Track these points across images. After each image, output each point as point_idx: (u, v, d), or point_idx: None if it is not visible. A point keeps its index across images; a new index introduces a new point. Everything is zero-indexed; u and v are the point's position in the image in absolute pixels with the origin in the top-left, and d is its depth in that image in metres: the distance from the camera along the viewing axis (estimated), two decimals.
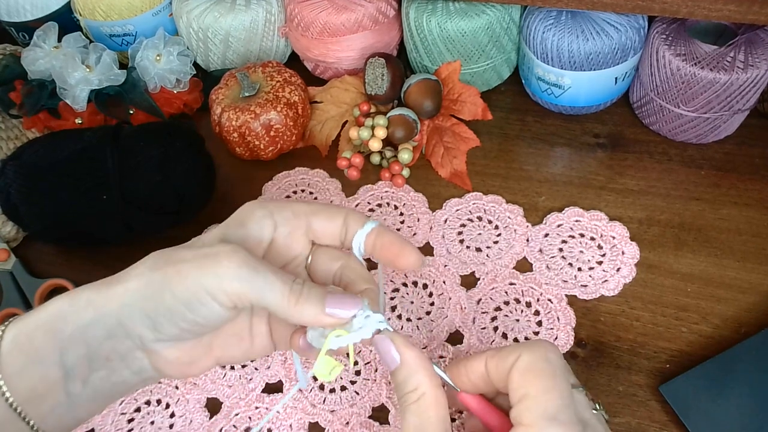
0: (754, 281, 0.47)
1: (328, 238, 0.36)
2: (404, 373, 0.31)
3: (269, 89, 0.58)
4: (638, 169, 0.55)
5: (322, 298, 0.31)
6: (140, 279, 0.31)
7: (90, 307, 0.31)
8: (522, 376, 0.29)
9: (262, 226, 0.34)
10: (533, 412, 0.27)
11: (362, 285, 0.35)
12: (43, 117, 0.61)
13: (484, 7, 0.56)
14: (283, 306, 0.30)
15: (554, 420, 0.27)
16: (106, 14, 0.66)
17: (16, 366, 0.30)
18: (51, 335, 0.31)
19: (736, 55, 0.49)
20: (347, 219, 0.35)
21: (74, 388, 0.32)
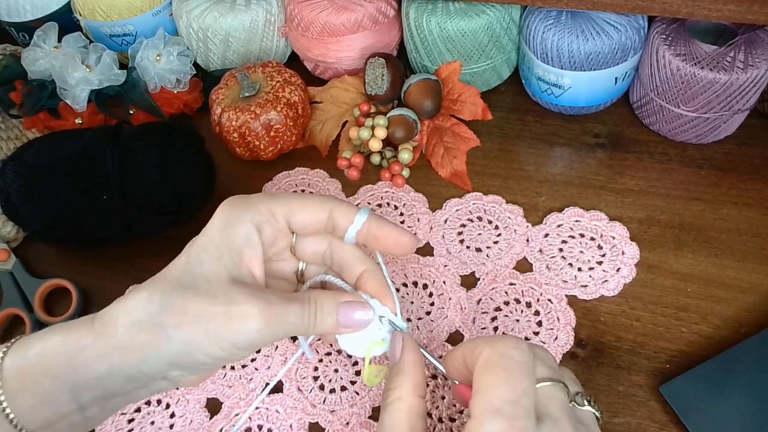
0: (754, 281, 0.47)
1: (312, 232, 0.36)
2: (395, 370, 0.32)
3: (269, 89, 0.58)
4: (638, 169, 0.55)
5: (334, 313, 0.33)
6: (157, 335, 0.30)
7: (103, 361, 0.31)
8: (478, 371, 0.29)
9: (252, 244, 0.33)
10: (480, 406, 0.27)
11: (359, 267, 0.36)
12: (43, 117, 0.61)
13: (484, 7, 0.56)
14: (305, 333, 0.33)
15: (497, 413, 0.27)
16: (106, 14, 0.66)
17: (27, 404, 0.30)
18: (61, 382, 0.30)
19: (736, 55, 0.49)
20: (333, 213, 0.35)
21: (90, 413, 0.32)
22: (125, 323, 0.31)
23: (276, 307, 0.31)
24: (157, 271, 0.52)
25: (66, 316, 0.51)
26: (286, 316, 0.32)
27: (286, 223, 0.35)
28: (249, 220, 0.33)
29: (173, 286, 0.31)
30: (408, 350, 0.32)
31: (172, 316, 0.30)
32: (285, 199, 0.35)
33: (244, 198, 0.35)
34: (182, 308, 0.31)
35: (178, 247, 0.54)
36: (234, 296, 0.31)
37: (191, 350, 0.31)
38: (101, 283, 0.54)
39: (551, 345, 0.46)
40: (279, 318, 0.31)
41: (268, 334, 0.31)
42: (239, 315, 0.31)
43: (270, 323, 0.31)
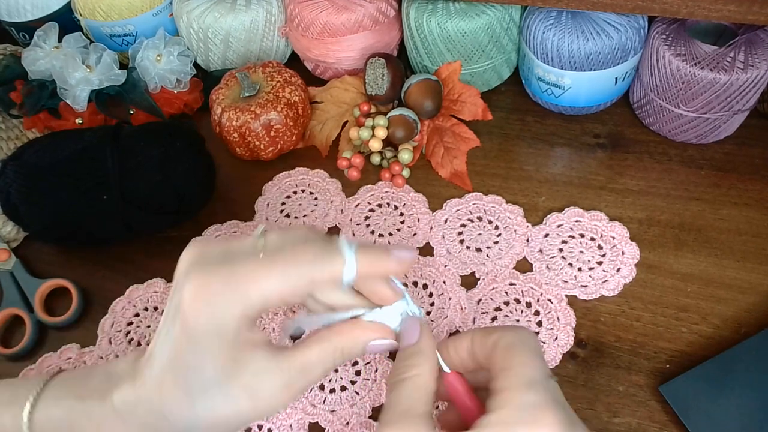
0: (754, 281, 0.47)
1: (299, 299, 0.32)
2: (414, 350, 0.31)
3: (269, 89, 0.58)
4: (638, 169, 0.55)
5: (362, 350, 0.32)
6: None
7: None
8: (505, 351, 0.30)
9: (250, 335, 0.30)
10: (514, 378, 0.28)
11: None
12: (43, 117, 0.61)
13: (484, 8, 0.56)
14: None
15: (533, 385, 0.28)
16: (107, 14, 0.66)
17: None
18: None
19: (736, 56, 0.49)
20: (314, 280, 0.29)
21: None
22: None
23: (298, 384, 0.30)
24: (157, 271, 0.53)
25: (66, 316, 0.51)
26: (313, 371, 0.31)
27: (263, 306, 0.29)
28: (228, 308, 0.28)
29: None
30: (426, 337, 0.32)
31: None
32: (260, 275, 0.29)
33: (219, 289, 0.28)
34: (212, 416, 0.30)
35: (178, 247, 0.54)
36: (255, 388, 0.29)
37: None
38: (101, 282, 0.54)
39: (551, 345, 0.46)
40: (302, 389, 0.31)
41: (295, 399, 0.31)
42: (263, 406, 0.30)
43: (295, 396, 0.31)
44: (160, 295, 0.52)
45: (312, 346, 0.31)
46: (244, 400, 0.29)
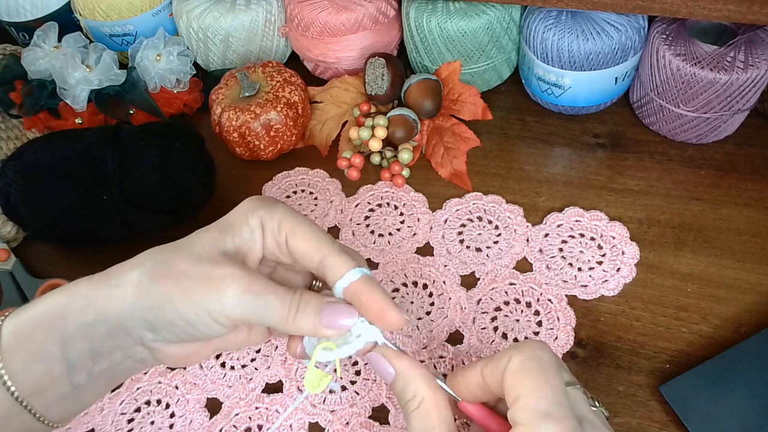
0: (754, 281, 0.47)
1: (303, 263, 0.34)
2: (401, 383, 0.31)
3: (269, 89, 0.58)
4: (638, 169, 0.55)
5: (318, 312, 0.32)
6: (140, 288, 0.31)
7: (90, 308, 0.31)
8: (514, 377, 0.29)
9: (255, 236, 0.34)
10: (527, 411, 0.28)
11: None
12: (43, 117, 0.61)
13: (484, 7, 0.56)
14: (281, 324, 0.32)
15: (548, 416, 0.27)
16: (106, 14, 0.66)
17: (20, 362, 0.31)
18: (52, 333, 0.31)
19: (736, 55, 0.49)
20: (325, 261, 0.33)
21: (78, 380, 0.32)
22: (117, 273, 0.32)
23: (257, 282, 0.31)
24: None
25: None
26: (266, 294, 0.31)
27: (285, 241, 0.34)
28: (259, 216, 0.34)
29: (172, 248, 0.33)
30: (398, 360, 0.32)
31: (158, 271, 0.31)
32: (296, 218, 0.34)
33: (269, 198, 0.35)
34: (169, 265, 0.31)
35: None
36: (219, 261, 0.31)
37: (164, 305, 0.31)
38: None
39: (551, 345, 0.46)
40: (257, 292, 0.31)
41: (242, 307, 0.30)
42: (219, 277, 0.31)
43: (247, 294, 0.30)
44: None
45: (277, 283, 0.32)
46: (206, 262, 0.31)
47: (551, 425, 0.27)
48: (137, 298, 0.31)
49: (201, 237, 0.33)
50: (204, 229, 0.34)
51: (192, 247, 0.32)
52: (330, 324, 0.32)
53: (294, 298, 0.32)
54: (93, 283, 0.32)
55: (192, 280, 0.31)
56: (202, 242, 0.33)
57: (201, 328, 0.31)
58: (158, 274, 0.31)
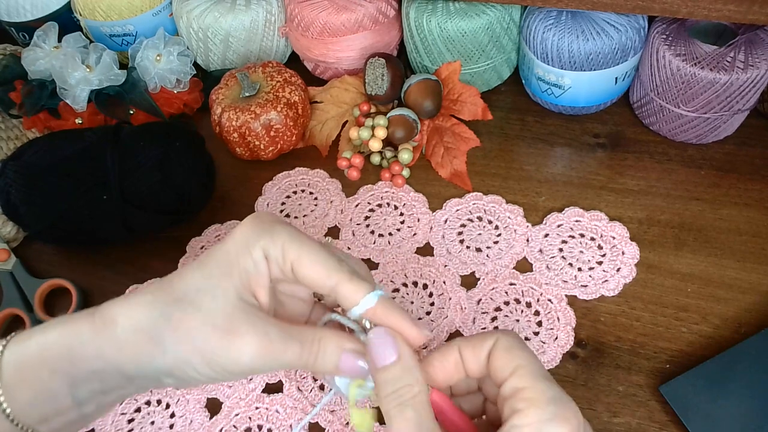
0: (754, 281, 0.47)
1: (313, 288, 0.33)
2: (400, 368, 0.31)
3: (269, 89, 0.58)
4: (638, 169, 0.55)
5: (336, 356, 0.32)
6: (153, 343, 0.30)
7: (100, 357, 0.30)
8: (508, 353, 0.30)
9: (260, 269, 0.32)
10: (531, 376, 0.28)
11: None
12: (43, 117, 0.61)
13: (484, 7, 0.56)
14: (303, 368, 0.33)
15: (548, 378, 0.28)
16: (107, 14, 0.66)
17: (25, 398, 0.30)
18: (60, 375, 0.30)
19: (736, 56, 0.49)
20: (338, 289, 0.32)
21: (87, 410, 0.32)
22: (125, 324, 0.31)
23: (275, 345, 0.31)
24: (157, 271, 0.53)
25: None
26: (284, 355, 0.31)
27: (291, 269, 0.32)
28: (261, 247, 0.32)
29: (178, 297, 0.31)
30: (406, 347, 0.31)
31: (170, 330, 0.30)
32: (301, 244, 0.32)
33: (269, 221, 0.33)
34: (181, 323, 0.30)
35: (178, 247, 0.55)
36: (235, 323, 0.30)
37: (183, 366, 0.30)
38: (101, 283, 0.54)
39: (551, 345, 0.46)
40: (275, 356, 0.31)
41: (262, 366, 0.31)
42: (235, 345, 0.30)
43: (265, 359, 0.31)
44: None
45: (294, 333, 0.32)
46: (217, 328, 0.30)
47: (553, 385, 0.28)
48: (152, 357, 0.30)
49: (207, 279, 0.31)
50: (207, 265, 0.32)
51: (202, 300, 0.31)
52: (349, 369, 0.32)
53: (312, 349, 0.31)
54: (95, 326, 0.31)
55: (208, 345, 0.30)
56: (214, 293, 0.31)
57: (222, 380, 0.32)
58: (172, 333, 0.30)
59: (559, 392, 0.28)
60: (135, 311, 0.31)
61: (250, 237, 0.32)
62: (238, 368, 0.31)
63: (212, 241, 0.55)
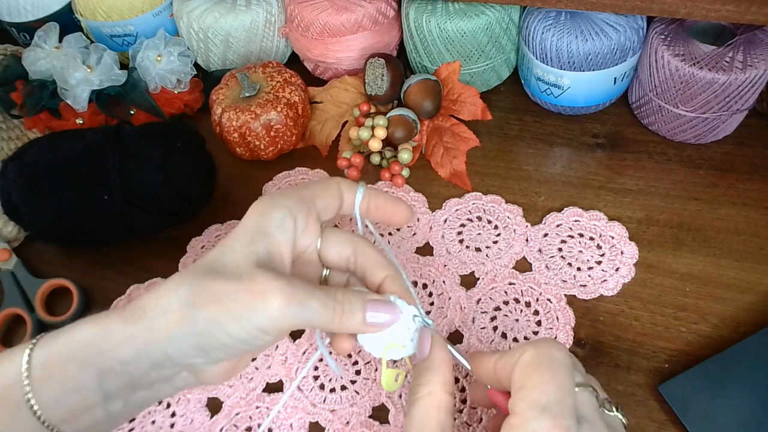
0: (752, 281, 0.48)
1: (331, 213, 0.37)
2: (424, 367, 0.32)
3: (269, 89, 0.58)
4: (637, 169, 0.56)
5: (362, 309, 0.33)
6: (182, 316, 0.31)
7: (130, 344, 0.31)
8: (522, 370, 0.29)
9: (285, 229, 0.34)
10: (525, 402, 0.28)
11: (380, 273, 0.36)
12: (44, 117, 0.61)
13: (483, 8, 0.56)
14: (328, 326, 0.33)
15: (545, 410, 0.27)
16: (107, 15, 0.66)
17: (53, 394, 0.30)
18: (89, 367, 0.31)
19: (734, 56, 0.50)
20: (340, 188, 0.37)
21: (114, 407, 0.32)
22: (153, 305, 0.31)
23: (299, 290, 0.31)
24: (157, 270, 0.54)
25: (67, 315, 0.51)
26: (309, 301, 0.31)
27: (314, 206, 0.36)
28: (282, 206, 0.34)
29: (203, 271, 0.32)
30: (437, 347, 0.33)
31: (198, 297, 0.31)
32: (306, 185, 0.36)
33: (277, 192, 0.36)
34: (208, 289, 0.31)
35: (178, 247, 0.55)
36: (258, 276, 0.31)
37: (213, 330, 0.31)
38: (102, 282, 0.54)
39: None
40: (301, 300, 0.31)
41: (290, 317, 0.31)
42: (261, 292, 0.31)
43: (291, 303, 0.31)
44: None
45: (318, 286, 0.33)
46: (245, 279, 0.31)
47: (545, 420, 0.27)
48: (182, 327, 0.31)
49: (230, 252, 0.33)
50: (228, 243, 0.33)
51: (226, 268, 0.32)
52: (374, 321, 0.33)
53: (338, 300, 0.32)
54: (126, 317, 0.31)
55: (236, 300, 0.31)
56: (234, 258, 0.32)
57: (254, 342, 0.32)
58: (199, 299, 0.31)
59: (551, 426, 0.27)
60: (163, 295, 0.31)
61: (267, 205, 0.34)
62: (266, 319, 0.31)
63: (213, 241, 0.55)
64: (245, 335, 0.31)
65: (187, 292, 0.31)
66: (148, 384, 0.32)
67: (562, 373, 0.29)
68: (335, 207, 0.37)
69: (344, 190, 0.37)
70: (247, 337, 0.31)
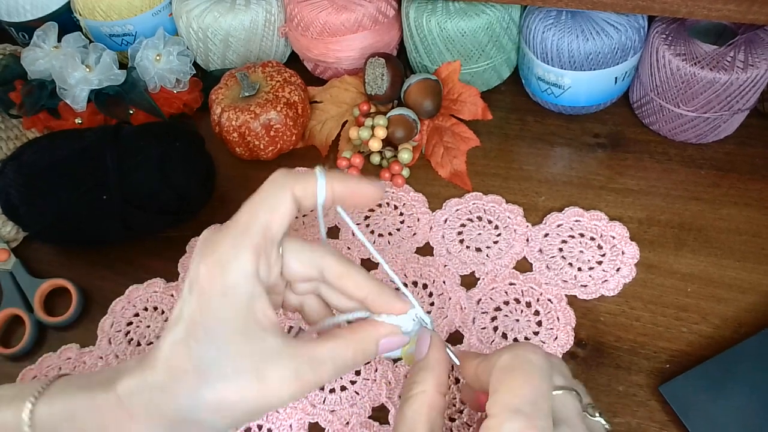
0: (753, 281, 0.47)
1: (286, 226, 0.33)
2: (419, 365, 0.32)
3: (269, 89, 0.58)
4: (638, 169, 0.55)
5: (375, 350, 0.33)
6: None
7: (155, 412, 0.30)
8: (498, 373, 0.29)
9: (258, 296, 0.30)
10: (499, 404, 0.28)
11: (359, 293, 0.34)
12: (42, 117, 0.61)
13: (483, 7, 0.56)
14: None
15: (518, 412, 0.27)
16: (106, 14, 0.66)
17: None
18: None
19: (735, 55, 0.49)
20: (294, 192, 0.32)
21: None
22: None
23: (308, 377, 0.30)
24: (157, 271, 0.53)
25: (66, 316, 0.51)
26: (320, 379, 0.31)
27: (270, 239, 0.32)
28: (244, 273, 0.30)
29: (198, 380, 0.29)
30: (434, 348, 0.33)
31: (207, 412, 0.29)
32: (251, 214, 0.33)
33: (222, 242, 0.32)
34: (219, 405, 0.29)
35: (177, 247, 0.55)
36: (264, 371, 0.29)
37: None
38: (101, 283, 0.54)
39: (551, 345, 0.46)
40: (311, 383, 0.31)
41: (303, 394, 0.31)
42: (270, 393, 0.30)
43: (303, 390, 0.31)
44: (159, 295, 0.52)
45: (325, 341, 0.31)
46: (250, 382, 0.29)
47: (519, 420, 0.27)
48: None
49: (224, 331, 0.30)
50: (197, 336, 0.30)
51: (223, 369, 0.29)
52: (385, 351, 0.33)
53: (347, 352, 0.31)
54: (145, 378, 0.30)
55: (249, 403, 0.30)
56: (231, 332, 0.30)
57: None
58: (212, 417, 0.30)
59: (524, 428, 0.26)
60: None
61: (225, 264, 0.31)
62: (280, 405, 0.30)
63: None
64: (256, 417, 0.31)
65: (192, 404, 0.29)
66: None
67: (537, 376, 0.29)
68: (290, 217, 0.33)
69: (298, 192, 0.32)
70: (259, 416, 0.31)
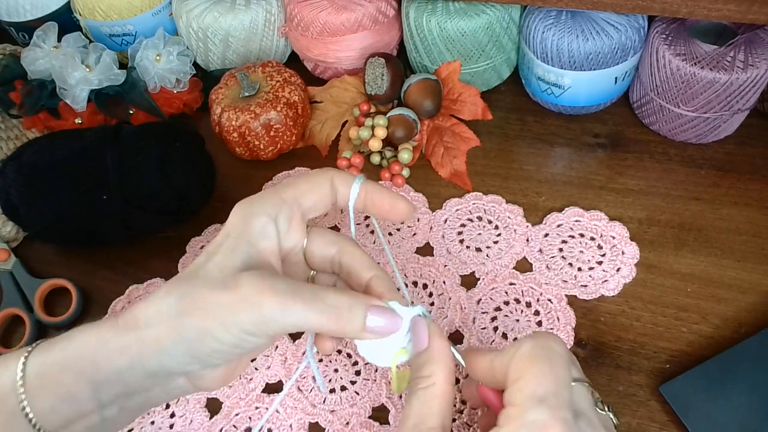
0: (754, 281, 0.47)
1: (320, 210, 0.36)
2: (425, 357, 0.32)
3: (269, 89, 0.58)
4: (638, 169, 0.55)
5: (363, 316, 0.32)
6: (172, 325, 0.30)
7: (124, 354, 0.31)
8: (520, 361, 0.29)
9: (267, 236, 0.34)
10: (523, 393, 0.28)
11: (366, 274, 0.36)
12: (43, 117, 0.61)
13: (484, 7, 0.56)
14: (323, 330, 0.32)
15: (543, 402, 0.27)
16: (106, 14, 0.66)
17: (47, 402, 0.30)
18: (83, 377, 0.31)
19: (735, 55, 0.49)
20: (334, 183, 0.36)
21: (110, 413, 0.32)
22: (145, 316, 0.31)
23: (283, 295, 0.30)
24: (157, 270, 0.53)
25: (66, 316, 0.51)
26: (294, 305, 0.30)
27: (298, 206, 0.35)
28: (263, 212, 0.34)
29: (189, 279, 0.32)
30: (436, 337, 0.32)
31: (185, 306, 0.31)
32: (291, 183, 0.36)
33: (257, 195, 0.35)
34: (194, 297, 0.31)
35: (178, 247, 0.55)
36: (242, 281, 0.31)
37: (203, 337, 0.30)
38: (101, 283, 0.54)
39: None
40: (286, 305, 0.30)
41: (276, 320, 0.30)
42: (250, 301, 0.30)
43: (275, 308, 0.30)
44: None
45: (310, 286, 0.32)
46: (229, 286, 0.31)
47: (543, 411, 0.27)
48: (173, 337, 0.30)
49: (214, 259, 0.32)
50: (212, 250, 0.33)
51: (209, 274, 0.32)
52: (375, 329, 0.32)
53: (330, 303, 0.31)
54: (119, 327, 0.31)
55: (220, 307, 0.30)
56: (220, 266, 0.32)
57: (246, 346, 0.31)
58: (186, 308, 0.31)
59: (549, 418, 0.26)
60: (153, 306, 0.31)
61: (247, 212, 0.34)
62: (254, 326, 0.30)
63: None
64: (235, 339, 0.31)
65: (175, 301, 0.31)
66: (144, 391, 0.32)
67: (559, 365, 0.29)
68: (325, 204, 0.36)
69: (338, 185, 0.36)
70: (237, 341, 0.31)
